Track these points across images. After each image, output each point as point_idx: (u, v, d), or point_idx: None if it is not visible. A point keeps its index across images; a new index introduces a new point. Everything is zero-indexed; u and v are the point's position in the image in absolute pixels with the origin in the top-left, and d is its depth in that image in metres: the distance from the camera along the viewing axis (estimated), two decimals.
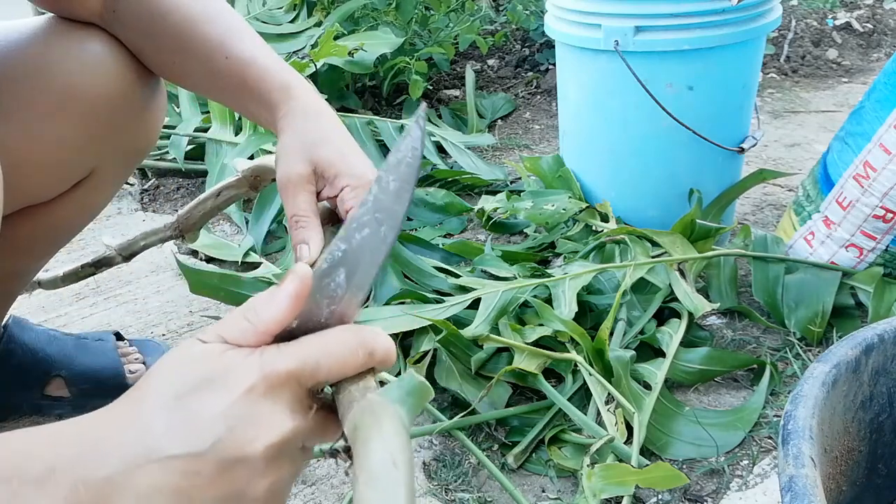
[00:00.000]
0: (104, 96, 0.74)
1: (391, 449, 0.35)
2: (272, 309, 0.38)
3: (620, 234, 1.18)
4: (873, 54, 2.45)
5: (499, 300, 1.03)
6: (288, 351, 0.37)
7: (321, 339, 0.38)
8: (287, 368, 0.36)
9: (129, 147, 0.83)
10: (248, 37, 0.72)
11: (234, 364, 0.36)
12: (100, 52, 0.74)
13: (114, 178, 0.86)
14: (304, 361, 0.37)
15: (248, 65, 0.69)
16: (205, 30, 0.70)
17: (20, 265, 0.87)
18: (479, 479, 0.89)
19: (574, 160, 1.36)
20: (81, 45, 0.73)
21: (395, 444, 0.35)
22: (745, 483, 0.86)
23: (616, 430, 0.87)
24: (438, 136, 1.70)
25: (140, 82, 0.78)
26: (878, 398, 0.65)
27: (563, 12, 1.23)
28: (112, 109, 0.76)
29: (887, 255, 1.12)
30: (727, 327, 1.12)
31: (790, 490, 0.49)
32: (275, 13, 2.03)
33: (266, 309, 0.38)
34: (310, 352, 0.37)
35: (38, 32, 0.73)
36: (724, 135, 1.22)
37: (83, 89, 0.73)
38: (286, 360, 0.37)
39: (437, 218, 1.47)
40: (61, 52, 0.72)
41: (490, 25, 2.53)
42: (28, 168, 0.72)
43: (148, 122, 0.82)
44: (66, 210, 0.82)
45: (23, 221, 0.78)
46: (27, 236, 0.81)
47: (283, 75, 0.69)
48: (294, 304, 0.38)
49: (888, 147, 1.06)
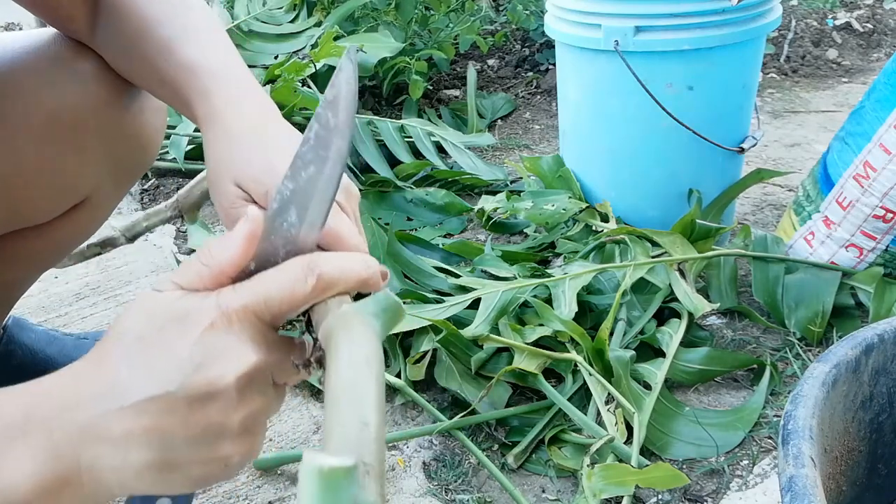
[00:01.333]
0: (95, 120, 0.72)
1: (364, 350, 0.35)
2: (226, 251, 0.39)
3: (620, 234, 1.18)
4: (873, 54, 2.45)
5: (499, 300, 1.03)
6: (242, 287, 0.38)
7: (272, 272, 0.39)
8: (243, 303, 0.37)
9: (124, 170, 0.81)
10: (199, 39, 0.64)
11: (192, 305, 0.37)
12: (90, 76, 0.71)
13: (109, 200, 0.84)
14: (257, 294, 0.38)
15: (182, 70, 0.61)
16: (156, 33, 0.64)
17: (18, 276, 0.87)
18: (479, 479, 0.89)
19: (574, 160, 1.36)
20: (72, 68, 0.71)
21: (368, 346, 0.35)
22: (745, 483, 0.86)
23: (616, 430, 0.87)
24: (438, 136, 1.70)
25: (133, 104, 0.76)
26: (878, 398, 0.65)
27: (563, 12, 1.23)
28: (104, 134, 0.74)
29: (887, 255, 1.12)
30: (727, 327, 1.12)
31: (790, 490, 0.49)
32: (275, 13, 2.03)
33: (221, 252, 0.39)
34: (261, 285, 0.38)
35: (29, 53, 0.70)
36: (724, 135, 1.22)
37: (74, 114, 0.71)
38: (241, 296, 0.38)
39: (437, 218, 1.47)
40: (52, 75, 0.70)
41: (490, 25, 2.53)
42: (18, 193, 0.70)
43: (143, 144, 0.80)
44: (60, 232, 0.80)
45: (17, 240, 0.77)
46: (25, 251, 0.80)
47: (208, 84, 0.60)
48: (247, 245, 0.39)
49: (888, 147, 1.06)
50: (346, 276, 0.40)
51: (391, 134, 1.65)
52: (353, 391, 0.33)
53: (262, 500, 0.86)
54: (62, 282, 1.33)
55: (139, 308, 0.38)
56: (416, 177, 1.59)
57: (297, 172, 0.41)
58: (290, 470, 0.90)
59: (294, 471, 0.90)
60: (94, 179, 0.77)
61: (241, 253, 0.39)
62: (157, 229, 1.51)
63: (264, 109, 0.58)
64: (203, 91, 0.59)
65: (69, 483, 0.36)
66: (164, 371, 0.35)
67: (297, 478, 0.89)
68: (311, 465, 0.27)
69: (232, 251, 0.39)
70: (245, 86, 0.59)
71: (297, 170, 0.41)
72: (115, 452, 0.36)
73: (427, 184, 1.57)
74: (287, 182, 0.41)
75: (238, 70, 0.61)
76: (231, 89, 0.59)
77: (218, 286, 0.39)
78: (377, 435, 0.31)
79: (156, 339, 0.36)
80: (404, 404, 1.00)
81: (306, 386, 1.03)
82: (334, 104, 0.41)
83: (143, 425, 0.35)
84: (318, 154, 0.41)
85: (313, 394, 1.03)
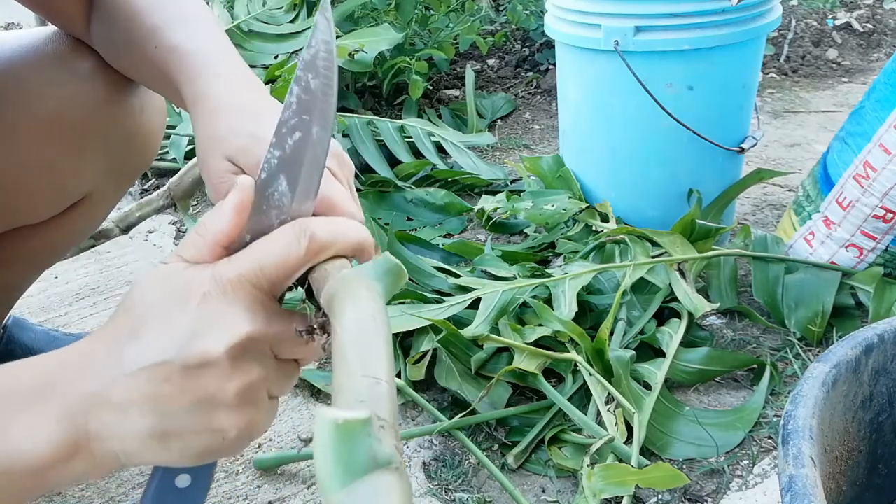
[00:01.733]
0: (95, 119, 0.72)
1: (369, 307, 0.34)
2: (218, 221, 0.40)
3: (620, 234, 1.18)
4: (873, 54, 2.45)
5: (499, 300, 1.03)
6: (236, 258, 0.39)
7: (265, 240, 0.40)
8: (237, 272, 0.38)
9: (123, 168, 0.81)
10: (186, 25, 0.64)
11: (189, 277, 0.38)
12: (89, 74, 0.71)
13: (107, 200, 0.84)
14: (252, 262, 0.38)
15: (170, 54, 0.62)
16: (145, 21, 0.64)
17: (16, 277, 0.87)
18: (479, 479, 0.89)
19: (574, 160, 1.36)
20: (72, 66, 0.71)
21: (373, 304, 0.35)
22: (745, 483, 0.86)
23: (616, 430, 0.87)
24: (438, 135, 1.70)
25: (133, 103, 0.76)
26: (878, 398, 0.65)
27: (563, 12, 1.23)
28: (103, 134, 0.74)
29: (887, 255, 1.12)
30: (727, 327, 1.12)
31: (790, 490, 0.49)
32: (275, 13, 2.03)
33: (213, 222, 0.40)
34: (254, 253, 0.39)
35: (29, 51, 0.71)
36: (724, 135, 1.22)
37: (74, 112, 0.71)
38: (235, 266, 0.38)
39: (437, 218, 1.47)
40: (52, 73, 0.70)
41: (490, 25, 2.52)
42: (17, 191, 0.71)
43: (142, 143, 0.80)
44: (58, 232, 0.81)
45: (15, 239, 0.77)
46: (24, 251, 0.80)
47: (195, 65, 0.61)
48: (237, 213, 0.40)
49: (888, 147, 1.06)
50: (338, 238, 0.40)
51: (391, 134, 1.65)
52: (361, 347, 0.32)
53: (262, 500, 0.86)
54: (62, 282, 1.33)
55: (146, 281, 0.39)
56: (416, 177, 1.59)
57: (283, 139, 0.40)
58: (290, 470, 0.90)
59: (294, 471, 0.90)
60: (93, 178, 0.77)
61: (232, 222, 0.40)
62: (157, 230, 1.51)
63: (251, 86, 0.58)
64: (190, 72, 0.59)
65: (80, 450, 0.37)
66: (162, 341, 0.37)
67: (297, 476, 0.89)
68: (325, 420, 0.27)
69: (224, 221, 0.40)
70: (232, 64, 0.59)
71: (283, 137, 0.40)
72: (118, 419, 0.37)
73: (427, 184, 1.57)
74: (273, 150, 0.40)
75: (224, 50, 0.61)
76: (219, 67, 0.59)
77: (216, 257, 0.39)
78: (389, 391, 0.31)
79: (158, 310, 0.38)
80: (404, 404, 1.00)
81: (306, 386, 1.03)
82: (312, 64, 0.39)
83: (141, 393, 0.36)
84: (302, 119, 0.40)
85: (313, 394, 1.03)
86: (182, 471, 0.42)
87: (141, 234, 1.50)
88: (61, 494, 0.88)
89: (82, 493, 0.88)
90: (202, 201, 1.63)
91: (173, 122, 1.73)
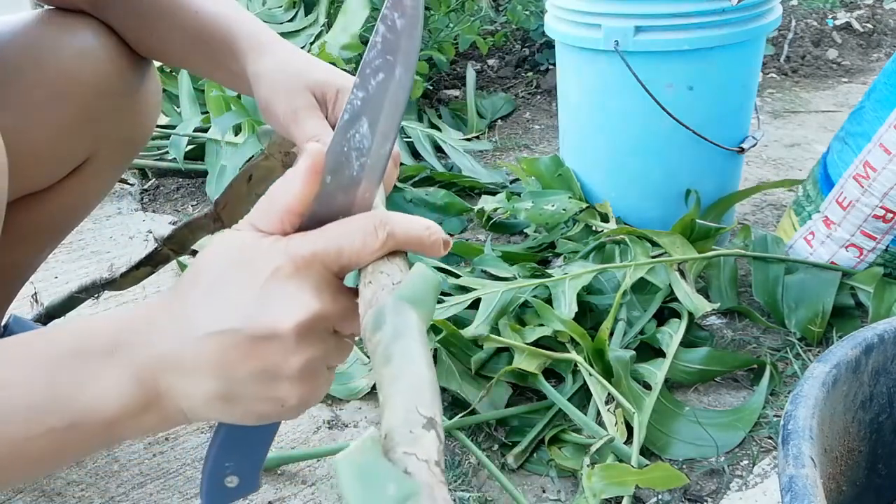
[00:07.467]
0: (97, 83, 0.75)
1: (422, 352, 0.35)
2: (290, 188, 0.40)
3: (620, 234, 1.18)
4: (873, 54, 2.45)
5: (499, 300, 1.03)
6: (311, 235, 0.39)
7: (342, 224, 0.40)
8: (312, 250, 0.38)
9: (124, 133, 0.84)
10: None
11: (262, 249, 0.39)
12: (91, 40, 0.75)
13: (110, 164, 0.87)
14: (326, 243, 0.39)
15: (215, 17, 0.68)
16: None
17: (20, 256, 0.88)
18: (479, 479, 0.89)
19: (574, 160, 1.36)
20: (73, 34, 0.74)
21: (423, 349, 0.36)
22: (745, 483, 0.86)
23: (616, 430, 0.87)
24: (437, 138, 1.70)
25: (132, 68, 0.79)
26: (878, 398, 0.65)
27: (563, 12, 1.23)
28: (105, 95, 0.77)
29: (887, 255, 1.12)
30: (727, 327, 1.12)
31: (790, 490, 0.49)
32: (274, 12, 2.03)
33: (284, 190, 0.40)
34: (331, 235, 0.39)
35: (31, 24, 0.74)
36: (724, 135, 1.22)
37: (77, 77, 0.74)
38: (310, 243, 0.39)
39: (437, 218, 1.47)
40: (54, 41, 0.73)
41: (490, 25, 2.52)
42: (26, 155, 0.73)
43: (142, 108, 0.83)
44: (64, 197, 0.83)
45: (22, 210, 0.79)
46: (27, 226, 0.82)
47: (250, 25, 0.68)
48: (309, 181, 0.40)
49: (888, 147, 1.06)
50: (410, 237, 0.41)
51: None
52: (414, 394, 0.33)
53: (262, 501, 0.86)
54: (62, 282, 1.33)
55: (217, 247, 0.40)
56: (415, 178, 1.59)
57: (367, 80, 0.39)
58: (290, 470, 0.90)
59: (294, 471, 0.90)
60: (96, 140, 0.80)
61: (305, 190, 0.40)
62: (157, 230, 1.51)
63: None
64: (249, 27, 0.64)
65: (150, 406, 0.38)
66: (232, 309, 0.37)
67: (297, 476, 0.89)
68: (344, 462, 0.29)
69: (295, 188, 0.40)
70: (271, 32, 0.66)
71: (366, 77, 0.39)
72: (186, 381, 0.38)
73: (426, 185, 1.57)
74: (357, 91, 0.39)
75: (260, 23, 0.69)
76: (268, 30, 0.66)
77: (287, 225, 0.40)
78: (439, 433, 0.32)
79: (228, 278, 0.38)
80: None
81: None
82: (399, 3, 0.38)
83: (209, 358, 0.37)
84: (386, 59, 0.39)
85: None
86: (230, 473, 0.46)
87: (141, 234, 1.50)
88: (61, 494, 0.88)
89: (82, 494, 0.88)
90: (202, 201, 1.63)
91: (173, 121, 1.73)
